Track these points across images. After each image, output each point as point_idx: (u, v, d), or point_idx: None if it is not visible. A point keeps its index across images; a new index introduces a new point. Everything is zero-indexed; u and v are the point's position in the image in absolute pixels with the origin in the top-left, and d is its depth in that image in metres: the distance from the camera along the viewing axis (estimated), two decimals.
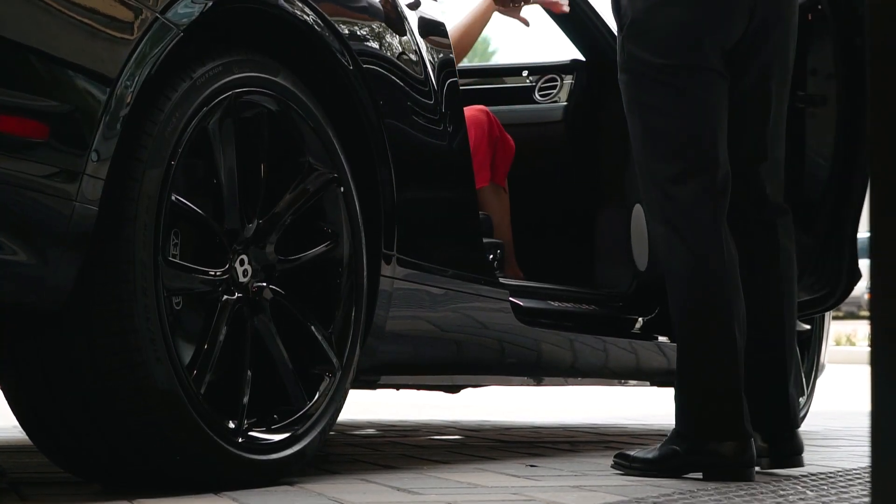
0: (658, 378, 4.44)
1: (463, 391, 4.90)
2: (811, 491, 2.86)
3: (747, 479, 3.07)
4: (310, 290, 3.03)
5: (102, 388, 2.58)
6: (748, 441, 3.11)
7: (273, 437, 2.85)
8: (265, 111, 2.92)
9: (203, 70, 2.74)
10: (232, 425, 2.75)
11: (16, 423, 2.76)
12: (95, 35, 2.50)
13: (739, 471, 3.09)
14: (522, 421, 5.75)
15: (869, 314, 1.43)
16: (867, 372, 1.43)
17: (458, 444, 4.31)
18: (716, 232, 3.15)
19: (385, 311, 3.19)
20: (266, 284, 2.90)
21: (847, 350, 16.00)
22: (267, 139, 2.93)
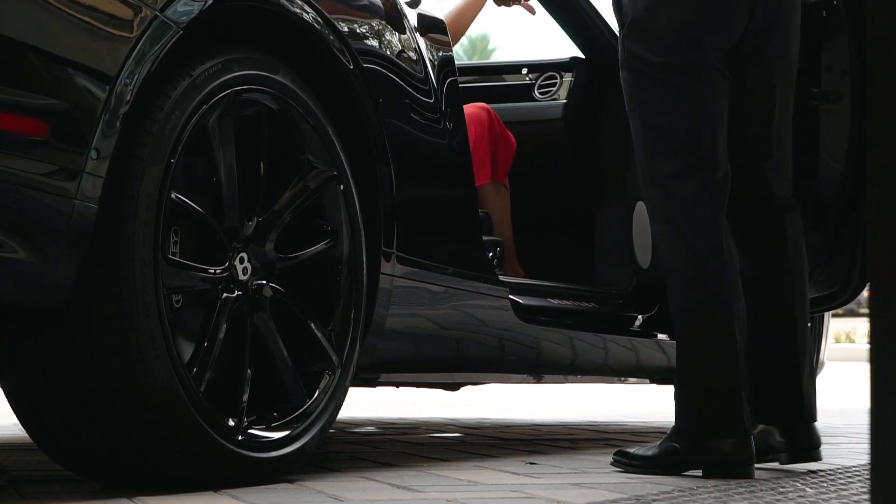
0: (658, 375, 4.44)
1: (463, 389, 4.90)
2: (811, 488, 2.87)
3: (747, 477, 3.07)
4: (309, 288, 3.03)
5: (102, 386, 2.58)
6: (748, 439, 3.11)
7: (273, 435, 2.85)
8: (265, 109, 2.92)
9: (203, 68, 2.74)
10: (232, 423, 2.75)
11: (16, 420, 2.76)
12: (95, 33, 2.50)
13: (739, 468, 3.09)
14: (522, 418, 5.74)
15: (868, 312, 1.43)
16: (867, 369, 1.43)
17: (458, 441, 4.31)
18: (716, 230, 3.15)
19: (385, 308, 3.19)
20: (266, 282, 2.90)
21: (847, 347, 16.00)
22: (266, 137, 2.93)
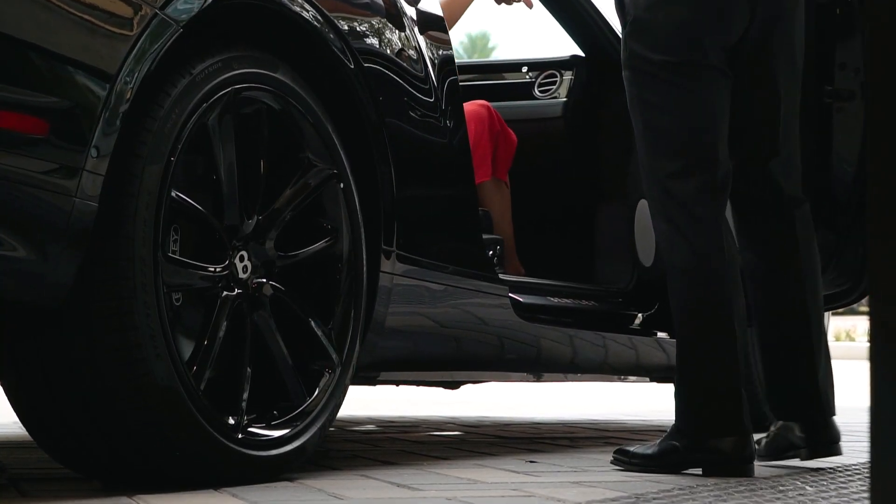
0: (657, 374, 4.44)
1: (462, 387, 4.90)
2: (810, 486, 2.87)
3: (747, 475, 3.07)
4: (309, 287, 3.03)
5: (102, 385, 2.58)
6: (748, 437, 3.11)
7: (273, 434, 2.85)
8: (265, 107, 2.92)
9: (202, 66, 2.74)
10: (232, 421, 2.75)
11: (16, 418, 2.76)
12: (95, 31, 2.50)
13: (739, 467, 3.09)
14: (522, 417, 5.75)
15: (868, 310, 1.43)
16: (867, 368, 1.43)
17: (458, 440, 4.31)
18: (716, 229, 3.15)
19: (385, 307, 3.19)
20: (266, 280, 2.90)
21: (846, 346, 16.01)
22: (266, 135, 2.93)
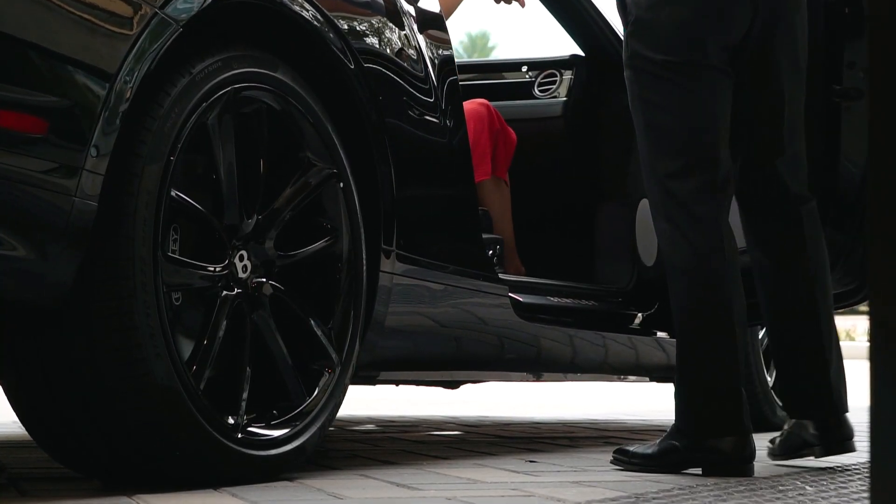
0: (657, 373, 4.44)
1: (462, 387, 4.89)
2: (810, 486, 2.87)
3: (747, 475, 3.07)
4: (309, 286, 3.03)
5: (102, 385, 2.58)
6: (748, 437, 3.11)
7: (272, 433, 2.85)
8: (264, 107, 2.92)
9: (202, 65, 2.74)
10: (231, 421, 2.75)
11: (16, 418, 2.76)
12: (95, 30, 2.50)
13: (739, 467, 3.09)
14: (522, 416, 5.75)
15: (868, 310, 1.43)
16: (866, 367, 1.43)
17: (458, 439, 4.31)
18: (717, 229, 3.15)
19: (384, 306, 3.18)
20: (265, 280, 2.90)
21: (846, 345, 15.93)
22: (266, 135, 2.93)
